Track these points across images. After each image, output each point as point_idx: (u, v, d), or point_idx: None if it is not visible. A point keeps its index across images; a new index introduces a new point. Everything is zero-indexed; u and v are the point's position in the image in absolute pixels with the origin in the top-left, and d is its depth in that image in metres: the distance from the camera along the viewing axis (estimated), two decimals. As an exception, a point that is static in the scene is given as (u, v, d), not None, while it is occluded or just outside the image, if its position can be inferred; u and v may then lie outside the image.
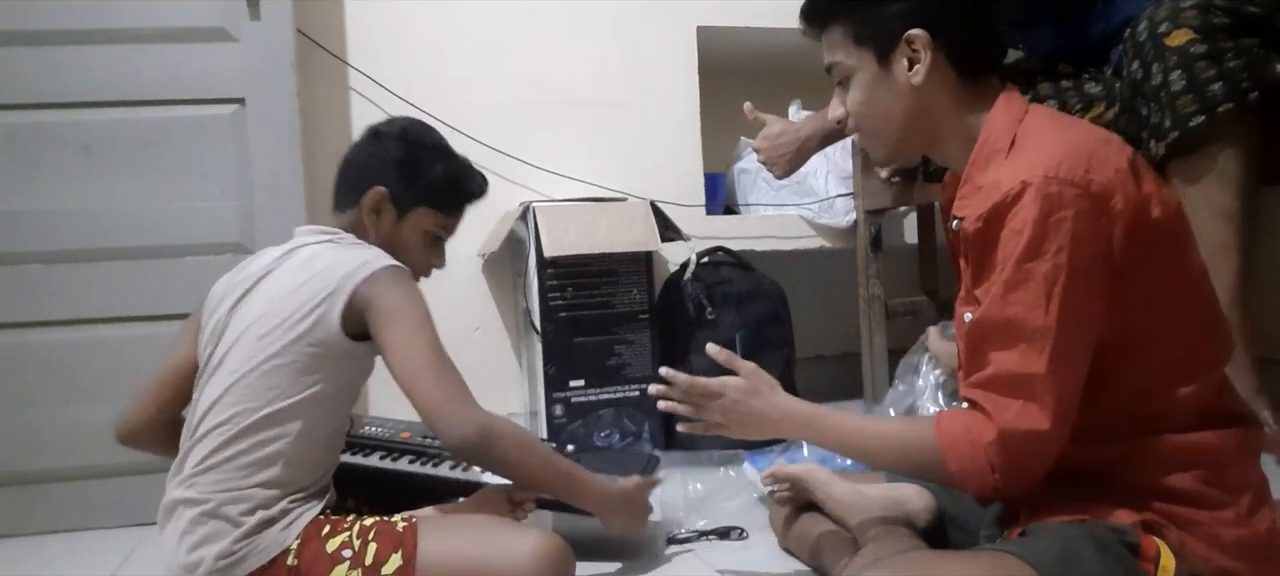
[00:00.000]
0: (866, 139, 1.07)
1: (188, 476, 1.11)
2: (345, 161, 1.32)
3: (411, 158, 1.28)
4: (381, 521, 1.11)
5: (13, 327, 1.71)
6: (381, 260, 1.17)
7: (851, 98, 1.03)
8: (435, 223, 1.31)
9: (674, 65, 2.39)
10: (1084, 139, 0.90)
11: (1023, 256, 0.85)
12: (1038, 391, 0.85)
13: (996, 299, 0.88)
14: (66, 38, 1.73)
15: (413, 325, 1.14)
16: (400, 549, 1.07)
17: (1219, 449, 0.91)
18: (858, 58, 1.01)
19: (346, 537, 1.09)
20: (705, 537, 1.40)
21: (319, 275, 1.15)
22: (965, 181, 0.96)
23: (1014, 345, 0.87)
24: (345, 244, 1.22)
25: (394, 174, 1.27)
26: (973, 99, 0.98)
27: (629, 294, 2.00)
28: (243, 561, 1.07)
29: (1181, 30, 1.23)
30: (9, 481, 1.71)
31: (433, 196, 1.29)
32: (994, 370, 0.88)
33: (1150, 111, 1.29)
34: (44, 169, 1.72)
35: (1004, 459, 0.87)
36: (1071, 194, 0.84)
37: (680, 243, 2.15)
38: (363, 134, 1.33)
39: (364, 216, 1.26)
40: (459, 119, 2.21)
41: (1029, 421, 0.86)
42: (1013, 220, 0.86)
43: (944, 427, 0.92)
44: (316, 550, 1.08)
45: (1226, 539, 0.89)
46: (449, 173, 1.30)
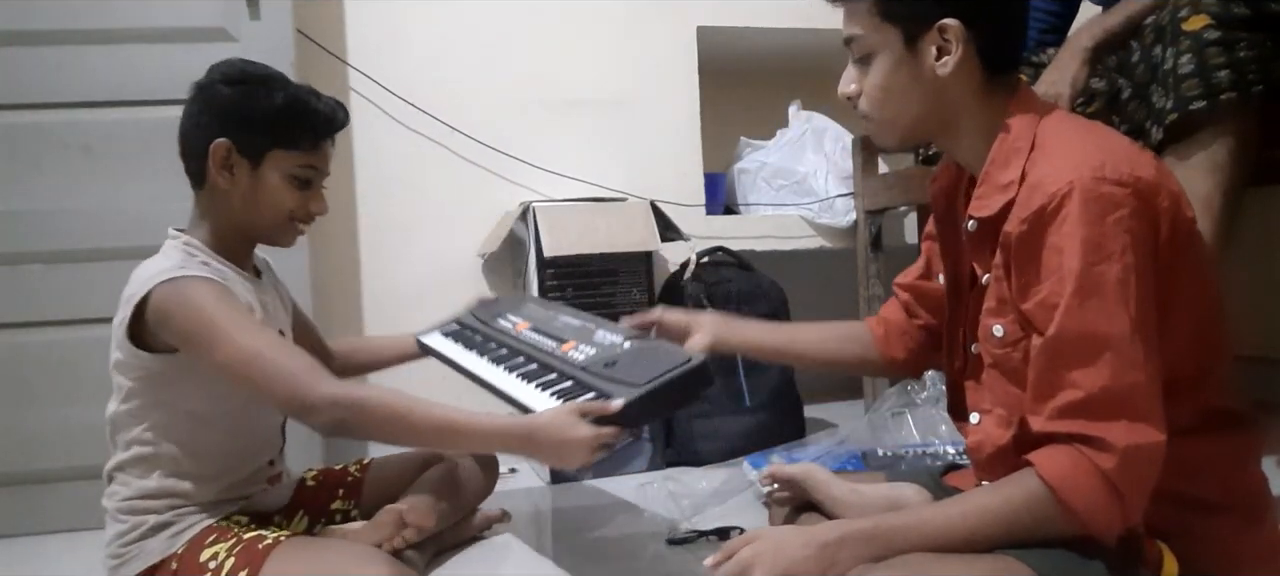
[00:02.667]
0: (876, 123, 1.01)
1: (106, 485, 1.20)
2: (180, 132, 1.20)
3: (244, 97, 1.17)
4: (254, 537, 1.13)
5: (13, 328, 1.71)
6: (157, 277, 1.10)
7: (870, 78, 0.97)
8: (295, 163, 1.19)
9: (674, 65, 2.39)
10: (1116, 140, 0.89)
11: (1088, 262, 0.81)
12: (1140, 402, 0.81)
13: (1070, 311, 0.82)
14: (66, 38, 1.73)
15: (214, 343, 1.06)
16: (247, 568, 1.09)
17: (1221, 453, 0.90)
18: (882, 35, 0.95)
19: (217, 550, 1.12)
20: (705, 537, 1.40)
21: (121, 301, 1.14)
22: (984, 180, 0.93)
23: (1099, 358, 0.81)
24: (151, 260, 1.17)
25: (232, 121, 1.16)
26: (994, 94, 0.95)
27: (629, 294, 1.99)
28: (129, 563, 1.14)
29: (1200, 16, 1.24)
30: (9, 481, 1.71)
31: (280, 133, 1.18)
32: (1085, 393, 0.81)
33: (1158, 97, 1.30)
34: (44, 169, 1.72)
35: (1129, 482, 0.80)
36: (1122, 194, 0.82)
37: (680, 243, 2.15)
38: (189, 93, 1.21)
39: (216, 180, 1.17)
40: (459, 119, 2.22)
41: (1143, 434, 0.80)
42: (1063, 221, 0.82)
43: (1051, 468, 0.83)
44: (192, 560, 1.12)
45: (1230, 543, 0.89)
46: (290, 100, 1.18)
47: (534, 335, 1.27)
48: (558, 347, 1.18)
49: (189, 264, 1.14)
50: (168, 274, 1.10)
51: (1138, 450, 0.80)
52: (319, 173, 1.24)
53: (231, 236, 1.23)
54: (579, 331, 1.24)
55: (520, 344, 1.27)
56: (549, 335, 1.25)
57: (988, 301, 0.94)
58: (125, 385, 1.16)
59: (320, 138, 1.22)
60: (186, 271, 1.11)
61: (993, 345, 0.93)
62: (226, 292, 1.12)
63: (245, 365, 1.04)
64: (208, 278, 1.12)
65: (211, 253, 1.20)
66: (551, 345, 1.20)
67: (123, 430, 1.18)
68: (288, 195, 1.20)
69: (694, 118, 2.40)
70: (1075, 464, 0.81)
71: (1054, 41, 1.78)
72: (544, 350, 1.21)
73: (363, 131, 2.18)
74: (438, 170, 2.22)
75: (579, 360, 1.12)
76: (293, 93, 1.19)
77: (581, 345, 1.15)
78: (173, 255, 1.16)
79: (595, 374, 1.08)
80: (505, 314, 1.41)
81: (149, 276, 1.11)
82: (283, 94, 1.18)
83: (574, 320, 1.30)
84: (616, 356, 1.08)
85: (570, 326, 1.26)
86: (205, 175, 1.18)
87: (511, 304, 1.49)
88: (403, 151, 2.20)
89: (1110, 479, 0.80)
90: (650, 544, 1.40)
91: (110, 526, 1.18)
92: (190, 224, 1.23)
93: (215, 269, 1.17)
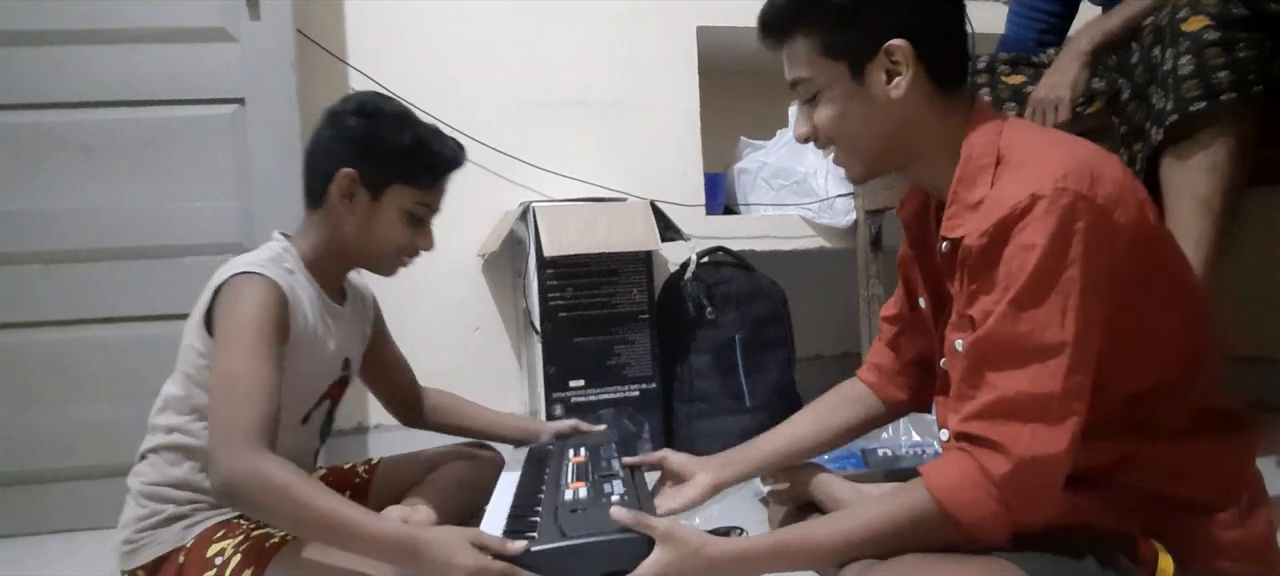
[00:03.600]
0: (841, 157, 1.00)
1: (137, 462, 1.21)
2: (306, 152, 1.23)
3: (374, 131, 1.19)
4: (261, 535, 1.13)
5: (13, 328, 1.71)
6: (238, 268, 1.12)
7: (822, 114, 0.96)
8: (414, 200, 1.22)
9: (674, 65, 2.39)
10: (1081, 150, 0.88)
11: (1037, 271, 0.80)
12: (1053, 412, 0.79)
13: (1005, 316, 0.81)
14: (67, 38, 1.73)
15: (225, 348, 1.06)
16: (252, 567, 1.08)
17: (1214, 452, 0.90)
18: (829, 72, 0.94)
19: (225, 547, 1.12)
20: (705, 537, 1.40)
21: (211, 281, 1.16)
22: (953, 200, 0.92)
23: (1025, 365, 0.80)
24: (249, 253, 1.19)
25: (358, 152, 1.18)
26: (950, 111, 0.94)
27: (629, 294, 2.00)
28: (142, 550, 1.15)
29: (1199, 16, 1.24)
30: (9, 481, 1.71)
31: (405, 170, 1.20)
32: (999, 394, 0.81)
33: (1157, 98, 1.30)
34: (44, 169, 1.72)
35: (1018, 492, 0.79)
36: (1083, 205, 0.81)
37: (680, 243, 2.15)
38: (320, 118, 1.23)
39: (337, 205, 1.19)
40: (459, 119, 2.21)
41: (1044, 445, 0.79)
42: (1022, 234, 0.81)
43: (937, 479, 0.82)
44: (199, 553, 1.12)
45: (1224, 541, 0.89)
46: (417, 141, 1.20)
47: (568, 467, 1.24)
48: (567, 484, 1.14)
49: (271, 266, 1.15)
50: (248, 267, 1.12)
51: (1034, 462, 0.79)
52: (432, 210, 1.26)
53: (331, 258, 1.25)
54: (596, 475, 1.18)
55: (548, 475, 1.23)
56: (578, 472, 1.21)
57: (952, 316, 0.93)
58: (186, 370, 1.17)
59: (440, 177, 1.24)
60: (265, 271, 1.12)
61: (957, 360, 0.91)
62: (278, 311, 1.12)
63: (223, 379, 1.04)
64: (275, 282, 1.12)
65: (304, 267, 1.22)
66: (566, 480, 1.16)
67: (168, 413, 1.19)
68: (401, 230, 1.23)
69: (694, 118, 2.40)
70: (963, 473, 0.81)
71: (1054, 42, 1.78)
72: (558, 484, 1.16)
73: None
74: (438, 170, 2.22)
75: (563, 499, 1.07)
76: (420, 132, 1.21)
77: (582, 489, 1.11)
78: (264, 253, 1.18)
79: (551, 515, 1.02)
80: (583, 445, 1.38)
81: (233, 265, 1.13)
82: (411, 133, 1.20)
83: (612, 462, 1.24)
84: (588, 504, 1.02)
85: (599, 468, 1.21)
86: (324, 198, 1.20)
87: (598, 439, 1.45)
88: (403, 151, 2.19)
89: (999, 487, 0.79)
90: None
91: (130, 508, 1.19)
92: (295, 234, 1.24)
93: (298, 280, 1.18)
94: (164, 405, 1.20)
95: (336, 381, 1.30)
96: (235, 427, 0.98)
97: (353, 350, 1.34)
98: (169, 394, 1.20)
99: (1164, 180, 1.31)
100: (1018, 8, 1.87)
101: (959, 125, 0.93)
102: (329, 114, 1.22)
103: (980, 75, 1.74)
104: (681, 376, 2.04)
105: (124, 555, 1.17)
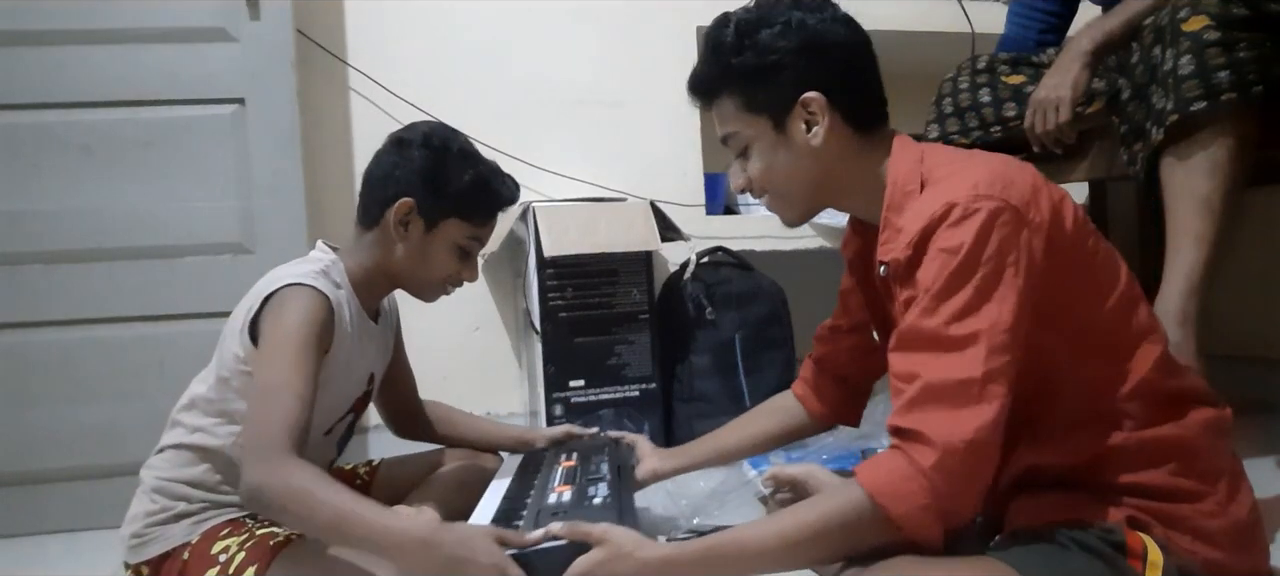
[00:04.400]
0: (774, 203, 1.06)
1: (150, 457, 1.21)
2: (367, 173, 1.26)
3: (438, 165, 1.22)
4: (266, 533, 1.13)
5: (13, 328, 1.71)
6: (285, 279, 1.13)
7: (752, 166, 1.03)
8: (466, 234, 1.25)
9: (674, 65, 2.38)
10: (995, 163, 0.92)
11: (956, 270, 0.84)
12: (974, 396, 0.81)
13: (925, 310, 0.85)
14: (67, 38, 1.73)
15: (268, 357, 1.07)
16: (255, 564, 1.09)
17: (1187, 438, 0.91)
18: (753, 126, 1.01)
19: (229, 544, 1.12)
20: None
21: (252, 291, 1.17)
22: (884, 226, 0.97)
23: (944, 354, 0.83)
24: (296, 261, 1.21)
25: (420, 184, 1.21)
26: (871, 149, 1.00)
27: (629, 294, 2.00)
28: (149, 544, 1.15)
29: (1199, 16, 1.24)
30: (9, 481, 1.71)
31: (462, 206, 1.23)
32: (923, 383, 0.83)
33: (1157, 98, 1.30)
34: (44, 169, 1.72)
35: (946, 480, 0.81)
36: (996, 205, 0.85)
37: (680, 243, 2.15)
38: (385, 143, 1.26)
39: (391, 230, 1.22)
40: (459, 119, 2.20)
41: (966, 429, 0.81)
42: (940, 238, 0.86)
43: (869, 476, 0.83)
44: (204, 550, 1.12)
45: (1210, 528, 0.90)
46: (479, 179, 1.24)
47: (558, 471, 1.25)
48: (553, 488, 1.15)
49: (319, 278, 1.15)
50: (300, 278, 1.13)
51: (956, 447, 0.80)
52: (482, 244, 1.29)
53: (377, 278, 1.26)
54: (583, 478, 1.19)
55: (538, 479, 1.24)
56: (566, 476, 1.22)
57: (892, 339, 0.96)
58: (223, 373, 1.17)
59: (494, 216, 1.28)
60: (313, 282, 1.13)
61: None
62: (324, 323, 1.12)
63: (263, 387, 1.04)
64: (325, 297, 1.13)
65: (350, 284, 1.23)
66: (553, 484, 1.18)
67: (195, 412, 1.19)
68: (450, 262, 1.26)
69: (694, 118, 2.40)
70: (893, 467, 0.82)
71: (1053, 42, 1.78)
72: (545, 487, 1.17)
73: (363, 131, 2.18)
74: (438, 170, 2.22)
75: (547, 503, 1.07)
76: (482, 170, 1.24)
77: (566, 493, 1.11)
78: (312, 266, 1.18)
79: (533, 518, 1.02)
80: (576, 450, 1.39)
81: (284, 275, 1.14)
82: (473, 171, 1.23)
83: (601, 466, 1.25)
84: (569, 508, 1.04)
85: (587, 472, 1.23)
86: (379, 221, 1.22)
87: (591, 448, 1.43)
88: (403, 151, 2.19)
89: (927, 477, 0.80)
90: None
91: (140, 502, 1.19)
92: (344, 249, 1.26)
93: (344, 296, 1.19)
94: (191, 404, 1.20)
95: (361, 396, 1.31)
96: (268, 436, 0.99)
97: (377, 366, 1.35)
98: (198, 393, 1.20)
99: (1164, 180, 1.31)
100: (1018, 8, 1.87)
101: (882, 159, 1.00)
102: (395, 139, 1.25)
103: (980, 75, 1.74)
104: (681, 376, 2.04)
105: (130, 548, 1.17)
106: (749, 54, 0.99)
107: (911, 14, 2.36)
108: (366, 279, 1.25)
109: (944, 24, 2.15)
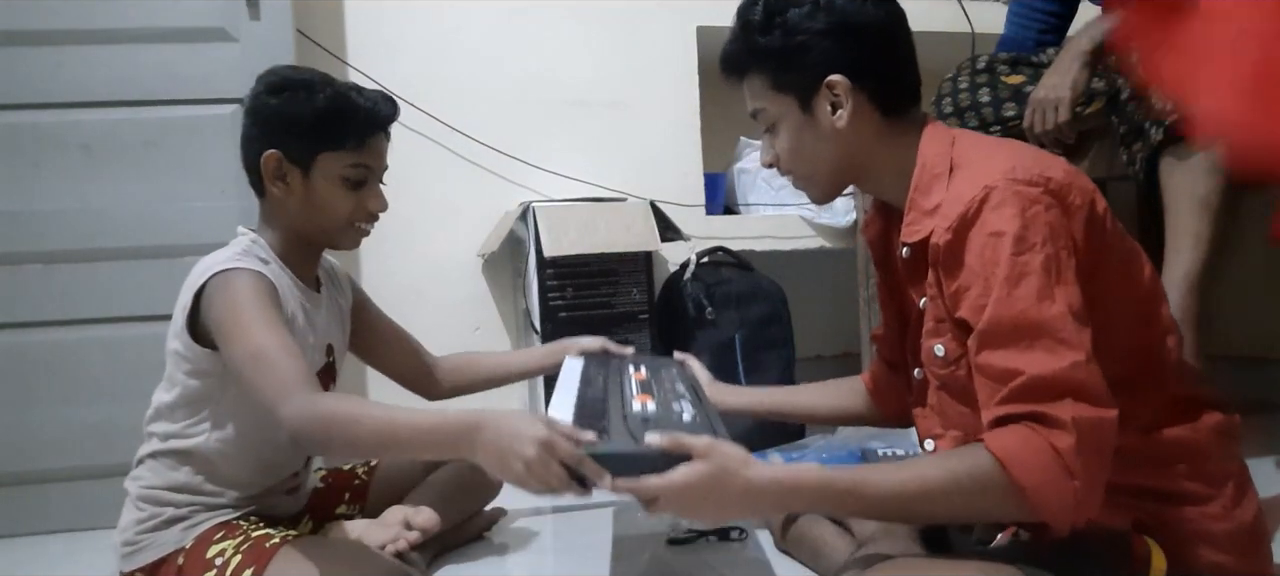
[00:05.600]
0: (800, 182, 1.06)
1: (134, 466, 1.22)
2: (239, 145, 1.21)
3: (286, 104, 1.15)
4: (261, 536, 1.13)
5: (13, 327, 1.71)
6: (213, 268, 1.11)
7: (779, 143, 1.03)
8: (345, 164, 1.17)
9: (674, 65, 2.39)
10: (1029, 151, 0.92)
11: (1012, 254, 0.82)
12: (1084, 380, 0.80)
13: (1000, 300, 0.82)
14: (66, 38, 1.73)
15: (233, 334, 1.06)
16: (252, 566, 1.09)
17: (1196, 442, 0.91)
18: (780, 104, 1.01)
19: (225, 547, 1.12)
20: (705, 537, 1.40)
21: (184, 285, 1.15)
22: (910, 208, 0.96)
23: (1036, 343, 0.81)
24: (217, 252, 1.18)
25: (278, 131, 1.16)
26: (899, 132, 0.99)
27: (629, 294, 1.99)
28: (141, 552, 1.15)
29: None
30: (9, 481, 1.71)
31: (324, 136, 1.16)
32: (1028, 376, 0.80)
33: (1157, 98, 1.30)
34: (44, 169, 1.72)
35: (1083, 462, 0.78)
36: (1035, 191, 0.84)
37: (680, 243, 2.15)
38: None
39: (272, 189, 1.17)
40: (459, 119, 2.22)
41: (1091, 411, 0.79)
42: (985, 223, 0.85)
43: (1000, 444, 0.80)
44: (199, 555, 1.12)
45: (1215, 532, 0.89)
46: (332, 101, 1.16)
47: (631, 381, 1.18)
48: (633, 397, 1.09)
49: (245, 258, 1.14)
50: (224, 265, 1.11)
51: (1090, 425, 0.78)
52: (371, 171, 1.21)
53: (294, 244, 1.23)
54: (660, 392, 1.13)
55: (611, 385, 1.17)
56: (642, 387, 1.15)
57: (927, 323, 0.95)
58: (177, 377, 1.17)
59: (366, 134, 1.19)
60: (240, 264, 1.12)
61: (937, 366, 0.94)
62: (269, 291, 1.11)
63: (250, 360, 1.03)
64: (256, 271, 1.12)
65: (277, 258, 1.20)
66: (631, 393, 1.11)
67: (163, 420, 1.19)
68: (342, 198, 1.19)
69: (694, 118, 2.40)
70: (1026, 441, 0.79)
71: (1053, 42, 1.78)
72: (623, 395, 1.10)
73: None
74: (437, 170, 2.22)
75: (632, 410, 1.01)
76: (332, 92, 1.17)
77: (649, 403, 1.05)
78: (233, 250, 1.17)
79: (619, 420, 0.97)
80: (641, 365, 1.32)
81: (208, 266, 1.12)
82: (323, 95, 1.16)
83: (676, 383, 1.19)
84: (658, 418, 0.97)
85: (663, 386, 1.17)
86: (262, 186, 1.19)
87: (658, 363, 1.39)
88: (402, 151, 2.16)
89: (1065, 458, 0.78)
90: (650, 543, 1.40)
91: (128, 512, 1.19)
92: (257, 228, 1.23)
93: (272, 270, 1.17)
94: (155, 414, 1.20)
95: (321, 370, 1.28)
96: (282, 385, 0.99)
97: (335, 336, 1.32)
98: (160, 402, 1.19)
99: (1163, 180, 1.31)
100: (1017, 8, 1.87)
101: (911, 143, 0.98)
102: (246, 100, 1.19)
103: (980, 75, 1.74)
104: (681, 376, 2.04)
105: (123, 557, 1.17)
106: (777, 34, 0.98)
107: (911, 14, 2.32)
108: (285, 247, 1.22)
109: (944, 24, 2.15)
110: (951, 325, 0.89)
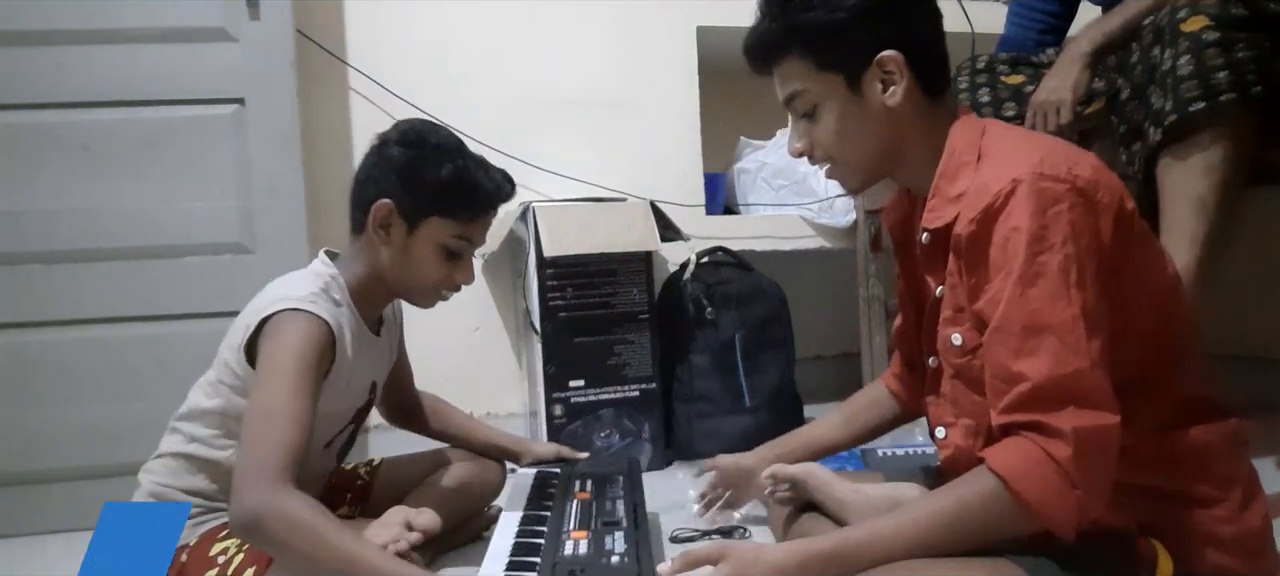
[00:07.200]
0: (839, 168, 1.03)
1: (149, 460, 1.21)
2: (354, 178, 1.22)
3: (414, 161, 1.17)
4: None
5: (13, 327, 1.71)
6: (284, 302, 1.11)
7: (820, 128, 0.99)
8: (450, 233, 1.19)
9: (674, 65, 2.39)
10: (1059, 144, 0.90)
11: (1031, 252, 0.82)
12: (1088, 387, 0.80)
13: (1013, 299, 0.82)
14: (66, 38, 1.73)
15: (263, 377, 1.06)
16: (254, 566, 1.08)
17: (1206, 444, 0.91)
18: (825, 85, 0.97)
19: (227, 546, 1.12)
20: (706, 537, 1.40)
21: (249, 307, 1.15)
22: (934, 193, 0.95)
23: (1042, 346, 0.81)
24: (297, 275, 1.19)
25: (397, 182, 1.17)
26: (936, 116, 0.98)
27: (629, 294, 1.99)
28: None
29: (1198, 16, 1.24)
30: (9, 481, 1.71)
31: (442, 203, 1.17)
32: (1032, 383, 0.81)
33: (1156, 98, 1.30)
34: (44, 169, 1.72)
35: (1083, 469, 0.78)
36: (1062, 188, 0.83)
37: (680, 243, 2.15)
38: (370, 145, 1.23)
39: (372, 235, 1.18)
40: (459, 119, 2.21)
41: (1092, 419, 0.79)
42: (1008, 217, 0.84)
43: (1002, 461, 0.81)
44: (202, 552, 1.12)
45: (1222, 535, 0.89)
46: (459, 173, 1.17)
47: (573, 507, 1.17)
48: (568, 533, 1.08)
49: (320, 301, 1.13)
50: (296, 303, 1.10)
51: (1090, 433, 0.79)
52: (471, 245, 1.23)
53: (373, 288, 1.23)
54: (598, 522, 1.12)
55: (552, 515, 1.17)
56: (581, 517, 1.14)
57: (944, 311, 0.94)
58: (222, 389, 1.16)
59: (480, 212, 1.21)
60: (311, 308, 1.10)
61: (953, 355, 0.94)
62: (322, 348, 1.10)
63: (260, 411, 1.02)
64: (321, 321, 1.11)
65: (350, 299, 1.20)
66: (568, 526, 1.11)
67: (195, 422, 1.18)
68: (437, 264, 1.20)
69: (694, 118, 2.40)
70: (1026, 454, 0.80)
71: (1053, 42, 1.79)
72: (559, 530, 1.10)
73: (362, 131, 2.18)
74: (438, 170, 2.22)
75: (563, 554, 1.00)
76: (462, 165, 1.18)
77: (583, 541, 1.05)
78: (312, 284, 1.16)
79: (548, 569, 0.97)
80: (587, 480, 1.31)
81: (280, 297, 1.11)
82: (452, 165, 1.17)
83: (617, 504, 1.18)
84: (586, 564, 0.97)
85: (603, 511, 1.15)
86: (365, 227, 1.19)
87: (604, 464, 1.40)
88: (403, 151, 2.19)
89: (1064, 468, 0.78)
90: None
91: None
92: (341, 261, 1.23)
93: (343, 314, 1.17)
94: (189, 413, 1.19)
95: (363, 405, 1.30)
96: (263, 461, 0.98)
97: (380, 373, 1.34)
98: (198, 404, 1.19)
99: (1161, 180, 1.31)
100: (1017, 8, 1.88)
101: (944, 128, 0.97)
102: (377, 140, 1.21)
103: (980, 75, 1.75)
104: (681, 376, 2.04)
105: None
106: (819, 10, 0.94)
107: (911, 14, 2.36)
108: (363, 289, 1.22)
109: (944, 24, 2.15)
110: (970, 315, 0.89)
